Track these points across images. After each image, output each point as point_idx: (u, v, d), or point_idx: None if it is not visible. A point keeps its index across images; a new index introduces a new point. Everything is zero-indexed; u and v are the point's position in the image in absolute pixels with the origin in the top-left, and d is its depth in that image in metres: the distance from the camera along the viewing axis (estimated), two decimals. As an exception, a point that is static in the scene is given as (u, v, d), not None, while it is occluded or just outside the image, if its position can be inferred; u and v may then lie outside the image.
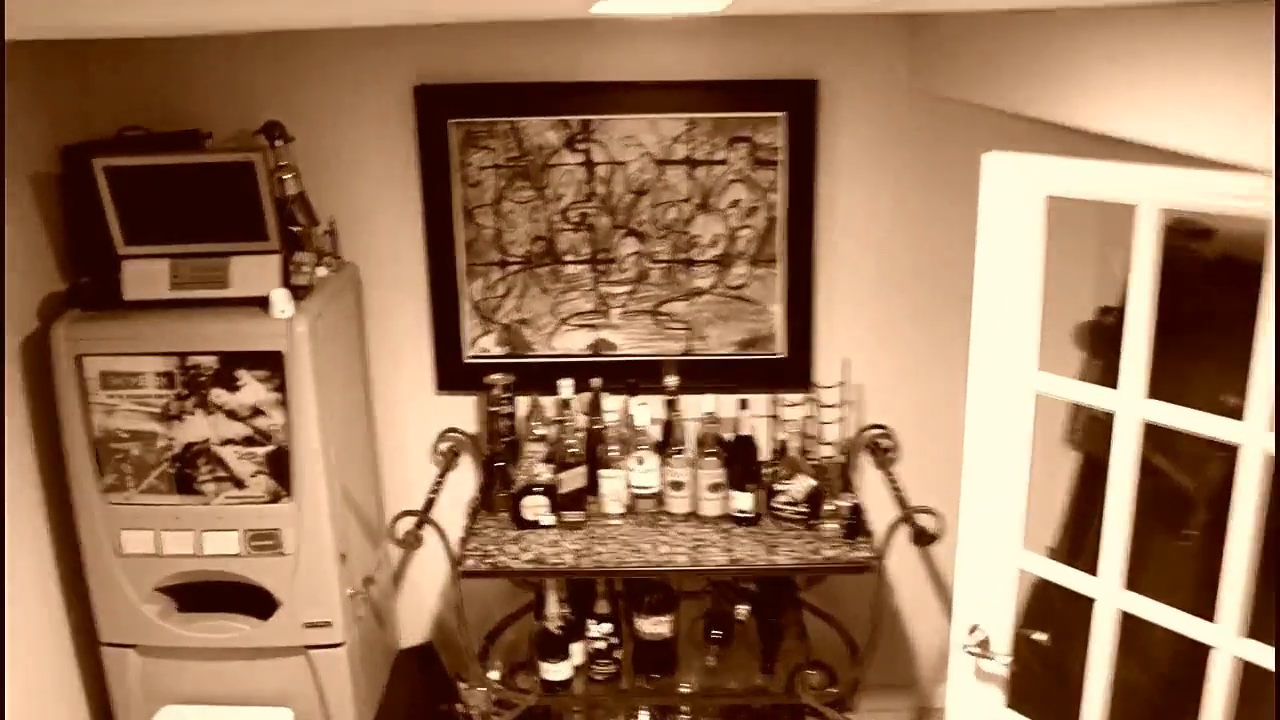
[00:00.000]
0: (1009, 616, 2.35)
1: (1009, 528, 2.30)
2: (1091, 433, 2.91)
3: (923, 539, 2.81)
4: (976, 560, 2.37)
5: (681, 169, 3.17)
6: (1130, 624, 2.14)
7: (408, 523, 2.86)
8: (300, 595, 2.89)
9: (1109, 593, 2.12)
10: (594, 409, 3.17)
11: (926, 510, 2.80)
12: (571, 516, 3.06)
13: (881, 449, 3.33)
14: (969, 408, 2.30)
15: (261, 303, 2.75)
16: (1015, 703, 2.42)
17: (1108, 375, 2.90)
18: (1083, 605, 2.74)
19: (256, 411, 2.78)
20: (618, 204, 3.20)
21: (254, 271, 2.80)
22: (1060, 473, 2.96)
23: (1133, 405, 2.00)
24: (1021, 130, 3.05)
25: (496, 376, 3.20)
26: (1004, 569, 2.32)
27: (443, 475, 3.27)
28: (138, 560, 2.87)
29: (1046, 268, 2.15)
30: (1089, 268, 2.95)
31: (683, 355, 3.30)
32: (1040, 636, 2.41)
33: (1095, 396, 2.11)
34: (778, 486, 3.03)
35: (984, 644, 2.35)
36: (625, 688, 3.15)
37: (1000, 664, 2.35)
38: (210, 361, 2.75)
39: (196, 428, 2.79)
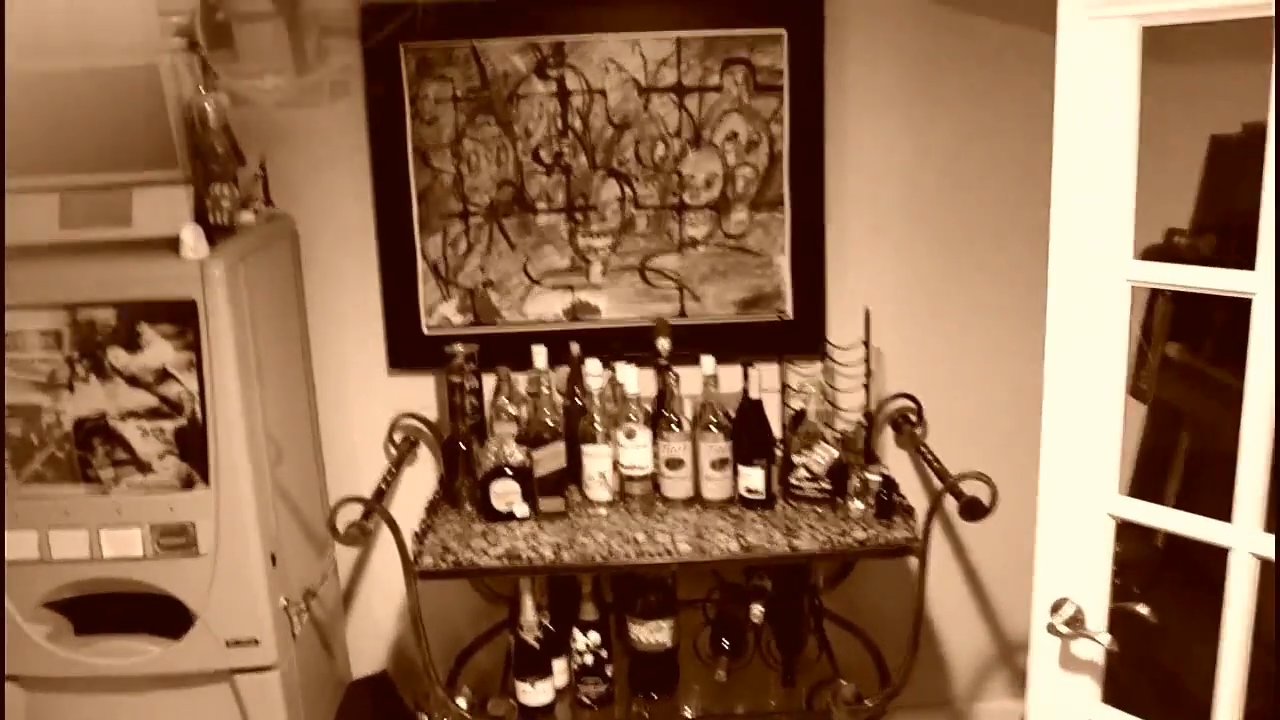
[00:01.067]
0: (1105, 581, 1.86)
1: (1101, 467, 1.83)
2: (1165, 377, 2.49)
3: (974, 512, 2.33)
4: (1060, 514, 1.88)
5: (669, 97, 2.72)
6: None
7: (352, 512, 2.35)
8: (220, 606, 2.37)
9: (1246, 538, 1.64)
10: (574, 379, 2.69)
11: (977, 476, 2.32)
12: (550, 505, 2.56)
13: (909, 422, 2.87)
14: (1050, 312, 1.83)
15: (171, 245, 2.26)
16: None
17: (1180, 315, 2.49)
18: (1185, 580, 2.28)
19: (164, 376, 2.28)
20: (596, 140, 2.74)
21: (160, 206, 2.32)
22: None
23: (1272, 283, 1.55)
24: (1046, 42, 2.66)
25: (458, 347, 2.71)
26: (1096, 521, 1.84)
27: (398, 466, 2.78)
28: (20, 569, 2.34)
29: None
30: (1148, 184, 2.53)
31: (675, 318, 2.82)
32: (1143, 609, 1.92)
33: (1224, 280, 1.64)
34: (795, 459, 2.55)
35: (1074, 620, 1.86)
36: (619, 715, 2.63)
37: (1098, 643, 1.86)
38: (106, 315, 2.26)
39: (91, 398, 2.29)
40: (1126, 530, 1.85)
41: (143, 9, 1.11)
